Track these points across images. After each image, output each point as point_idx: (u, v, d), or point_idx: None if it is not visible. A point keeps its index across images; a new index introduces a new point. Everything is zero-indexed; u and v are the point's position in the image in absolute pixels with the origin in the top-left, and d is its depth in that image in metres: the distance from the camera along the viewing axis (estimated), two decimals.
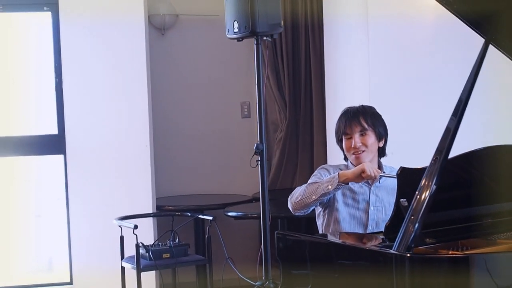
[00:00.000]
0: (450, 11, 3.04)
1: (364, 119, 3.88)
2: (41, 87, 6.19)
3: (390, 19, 5.11)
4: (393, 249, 2.80)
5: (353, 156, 3.88)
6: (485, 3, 3.06)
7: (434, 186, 2.86)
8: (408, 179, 3.01)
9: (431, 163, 2.92)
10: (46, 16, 6.01)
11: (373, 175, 3.62)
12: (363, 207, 3.88)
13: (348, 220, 3.88)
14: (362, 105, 3.97)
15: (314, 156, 6.51)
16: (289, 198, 3.87)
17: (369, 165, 3.69)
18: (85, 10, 5.87)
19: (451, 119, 2.99)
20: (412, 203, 2.86)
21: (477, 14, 3.07)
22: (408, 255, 2.73)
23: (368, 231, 3.81)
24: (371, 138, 3.88)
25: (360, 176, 3.67)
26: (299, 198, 3.77)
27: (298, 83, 6.59)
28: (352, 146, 3.87)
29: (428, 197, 2.84)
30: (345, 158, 3.99)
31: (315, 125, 6.49)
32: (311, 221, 4.45)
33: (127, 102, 5.89)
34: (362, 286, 2.91)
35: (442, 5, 3.01)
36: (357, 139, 3.86)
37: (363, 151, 3.86)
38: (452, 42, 4.99)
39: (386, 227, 3.10)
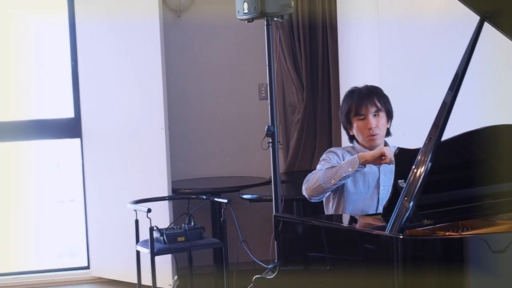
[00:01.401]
0: None
1: (377, 99, 3.84)
2: (59, 71, 6.22)
3: (399, 3, 5.07)
4: (386, 230, 2.76)
5: (368, 137, 3.83)
6: None
7: (429, 163, 2.81)
8: (406, 160, 2.95)
9: (426, 140, 2.88)
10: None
11: (392, 159, 3.54)
12: (374, 188, 3.84)
13: (358, 201, 3.84)
14: (368, 85, 3.91)
15: (332, 138, 6.46)
16: (304, 184, 3.80)
17: (388, 149, 3.64)
18: None
19: (447, 93, 2.96)
20: (407, 183, 2.81)
21: None
22: (401, 236, 2.68)
23: (379, 211, 3.75)
24: (383, 119, 3.85)
25: (379, 159, 3.62)
26: (318, 183, 3.70)
27: (315, 65, 6.53)
28: (368, 127, 3.81)
29: (422, 176, 2.79)
30: (351, 139, 3.93)
31: (333, 107, 6.43)
32: None
33: (142, 85, 5.88)
34: (357, 268, 2.87)
35: None
36: (372, 119, 3.81)
37: (378, 133, 3.82)
38: (457, 26, 4.92)
39: (384, 209, 3.06)
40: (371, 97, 3.82)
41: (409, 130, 4.24)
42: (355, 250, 2.93)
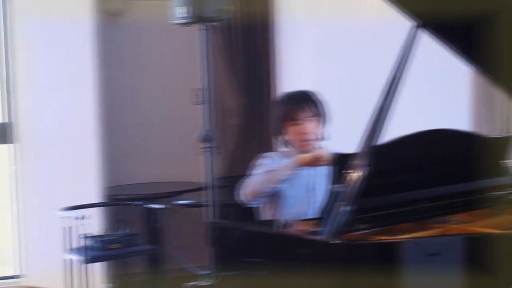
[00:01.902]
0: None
1: (312, 105, 3.84)
2: None
3: (337, 4, 5.11)
4: (322, 235, 2.74)
5: (303, 142, 3.82)
6: None
7: (366, 168, 2.81)
8: (342, 164, 2.95)
9: (362, 144, 2.89)
10: None
11: (329, 161, 3.54)
12: (309, 192, 3.83)
13: (294, 206, 3.82)
14: (303, 90, 3.91)
15: (270, 142, 6.44)
16: (242, 190, 3.80)
17: (325, 151, 3.65)
18: None
19: (383, 98, 2.99)
20: (343, 187, 2.82)
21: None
22: (336, 241, 2.68)
23: (315, 216, 3.74)
24: (318, 124, 3.85)
25: (316, 161, 3.64)
26: (256, 188, 3.71)
27: (252, 68, 6.51)
28: (303, 132, 3.81)
29: (358, 180, 2.80)
30: (285, 144, 3.91)
31: (268, 110, 6.42)
32: None
33: (76, 90, 5.80)
34: (295, 273, 2.85)
35: None
36: (307, 125, 3.81)
37: (313, 138, 3.81)
38: (392, 33, 4.97)
39: (320, 213, 3.06)
40: (305, 102, 3.81)
41: (344, 134, 4.24)
42: (292, 255, 2.92)
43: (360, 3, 5.26)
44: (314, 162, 3.64)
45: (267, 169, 3.74)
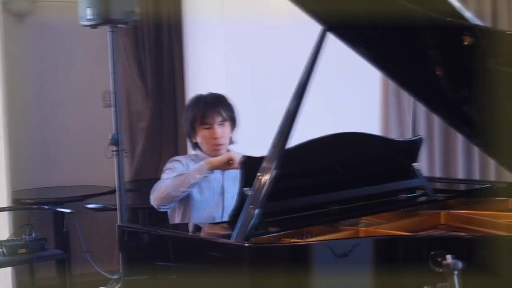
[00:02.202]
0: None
1: (223, 109, 3.84)
2: None
3: (244, 11, 5.13)
4: (231, 238, 2.75)
5: (213, 147, 3.83)
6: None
7: (274, 170, 2.83)
8: (251, 167, 2.96)
9: (271, 147, 2.90)
10: None
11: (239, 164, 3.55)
12: (218, 195, 3.83)
13: (204, 209, 3.82)
14: (214, 93, 3.91)
15: (178, 145, 6.44)
16: (152, 194, 3.76)
17: (236, 154, 3.66)
18: None
19: (292, 101, 3.00)
20: (252, 190, 2.83)
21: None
22: (246, 244, 2.68)
23: (224, 219, 3.75)
24: (228, 128, 3.86)
25: (227, 164, 3.65)
26: (166, 192, 3.68)
27: (161, 70, 6.50)
28: (213, 137, 3.81)
29: (267, 183, 2.81)
30: (194, 147, 3.92)
31: (178, 114, 6.42)
32: None
33: None
34: (205, 277, 2.85)
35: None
36: (218, 129, 3.81)
37: (223, 143, 3.83)
38: (302, 33, 5.03)
39: (230, 217, 3.06)
40: (217, 107, 3.82)
41: (254, 136, 4.27)
42: (202, 258, 2.89)
43: (269, 3, 5.28)
44: (224, 166, 3.66)
45: (177, 173, 3.73)
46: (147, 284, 3.16)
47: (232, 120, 3.86)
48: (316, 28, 3.15)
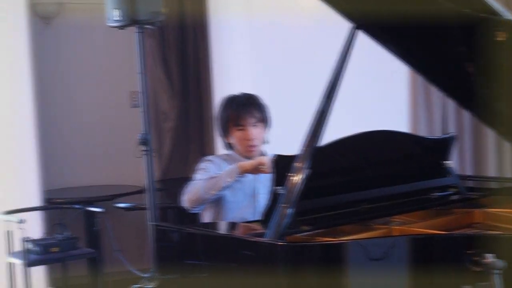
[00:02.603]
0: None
1: (257, 110, 3.82)
2: None
3: (269, 10, 5.13)
4: (265, 237, 2.77)
5: (247, 148, 3.83)
6: None
7: (307, 170, 2.84)
8: (283, 166, 2.97)
9: (302, 147, 2.91)
10: None
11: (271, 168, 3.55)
12: (250, 196, 3.82)
13: (236, 210, 3.80)
14: (247, 94, 3.91)
15: (205, 145, 6.48)
16: (184, 195, 3.74)
17: (267, 158, 3.64)
18: None
19: (321, 101, 3.00)
20: (285, 189, 2.84)
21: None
22: (280, 243, 2.70)
23: (257, 219, 3.77)
24: (262, 129, 3.84)
25: (258, 169, 3.62)
26: (198, 194, 3.66)
27: (186, 72, 6.54)
28: (247, 138, 3.80)
29: (300, 182, 2.82)
30: (228, 147, 3.92)
31: (204, 114, 6.45)
32: None
33: (11, 94, 5.74)
34: (238, 275, 2.87)
35: None
36: (252, 131, 3.79)
37: (256, 144, 3.82)
38: (329, 33, 5.03)
39: (263, 216, 3.07)
40: (251, 108, 3.80)
41: (280, 136, 4.28)
42: (235, 257, 2.91)
43: (296, 3, 5.29)
44: (256, 170, 3.62)
45: (209, 174, 3.72)
46: (181, 282, 3.18)
47: (265, 121, 3.85)
48: (342, 27, 3.16)
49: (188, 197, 3.71)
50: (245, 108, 3.79)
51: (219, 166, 3.80)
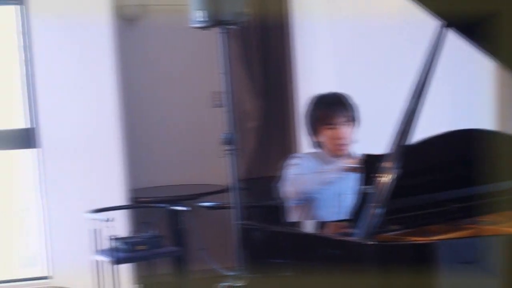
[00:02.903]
0: None
1: (347, 109, 3.86)
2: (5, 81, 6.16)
3: (352, 11, 5.12)
4: (355, 236, 2.78)
5: (337, 147, 3.85)
6: None
7: (396, 170, 2.84)
8: (372, 166, 2.98)
9: (391, 147, 2.92)
10: (12, 10, 5.98)
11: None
12: (337, 195, 3.82)
13: (323, 208, 3.83)
14: (337, 93, 3.93)
15: (288, 144, 6.49)
16: (286, 187, 3.79)
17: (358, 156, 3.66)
18: (53, 2, 5.83)
19: (409, 101, 2.99)
20: (374, 189, 2.85)
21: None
22: (370, 242, 2.71)
23: (344, 218, 3.77)
24: (352, 128, 3.88)
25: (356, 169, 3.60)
26: (303, 187, 3.71)
27: (269, 72, 6.56)
28: (338, 137, 3.83)
29: (389, 182, 2.82)
30: (316, 146, 3.93)
31: (287, 113, 6.47)
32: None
33: (96, 95, 5.86)
34: (326, 275, 2.88)
35: None
36: (343, 130, 3.83)
37: (347, 143, 3.85)
38: (413, 32, 4.99)
39: (351, 215, 3.08)
40: (341, 107, 3.84)
41: (367, 135, 4.28)
42: (323, 256, 2.93)
43: (380, 1, 5.26)
44: (358, 169, 3.65)
45: (301, 170, 3.75)
46: (267, 281, 3.22)
47: (355, 120, 3.88)
48: (427, 25, 3.15)
49: (292, 189, 3.75)
50: (336, 107, 3.82)
51: (309, 164, 3.82)
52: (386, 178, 2.84)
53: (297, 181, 3.74)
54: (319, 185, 3.69)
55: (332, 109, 3.82)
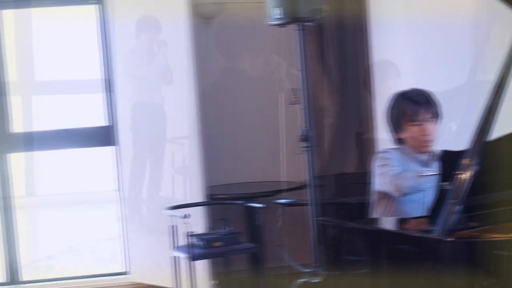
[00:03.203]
0: None
1: (432, 105, 3.85)
2: (85, 80, 6.27)
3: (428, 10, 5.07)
4: (434, 233, 2.76)
5: (422, 143, 3.83)
6: None
7: (475, 167, 2.81)
8: (451, 162, 2.96)
9: (471, 143, 2.89)
10: (91, 9, 6.09)
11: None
12: (419, 191, 3.78)
13: (407, 204, 3.81)
14: (420, 90, 3.90)
15: (364, 141, 6.45)
16: (393, 185, 3.74)
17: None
18: (131, 2, 5.92)
19: (490, 97, 2.95)
20: (453, 185, 2.82)
21: None
22: (449, 239, 2.69)
23: (425, 214, 3.73)
24: (436, 125, 3.86)
25: None
26: (414, 184, 3.70)
27: (345, 69, 6.53)
28: (424, 134, 3.81)
29: (468, 179, 2.80)
30: (396, 142, 3.92)
31: (363, 111, 6.43)
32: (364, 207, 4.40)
33: (174, 93, 5.93)
34: (405, 271, 2.87)
35: None
36: (428, 126, 3.82)
37: (433, 140, 3.83)
38: (492, 27, 4.92)
39: (430, 212, 3.06)
40: (426, 103, 3.82)
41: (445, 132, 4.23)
42: (403, 253, 2.93)
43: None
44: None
45: (392, 166, 3.75)
46: (349, 277, 3.21)
47: (439, 117, 3.86)
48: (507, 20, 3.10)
49: (401, 187, 3.70)
50: (421, 104, 3.80)
51: (397, 160, 3.82)
52: (465, 175, 2.81)
53: (404, 178, 3.71)
54: (420, 182, 3.66)
55: (417, 105, 3.80)
